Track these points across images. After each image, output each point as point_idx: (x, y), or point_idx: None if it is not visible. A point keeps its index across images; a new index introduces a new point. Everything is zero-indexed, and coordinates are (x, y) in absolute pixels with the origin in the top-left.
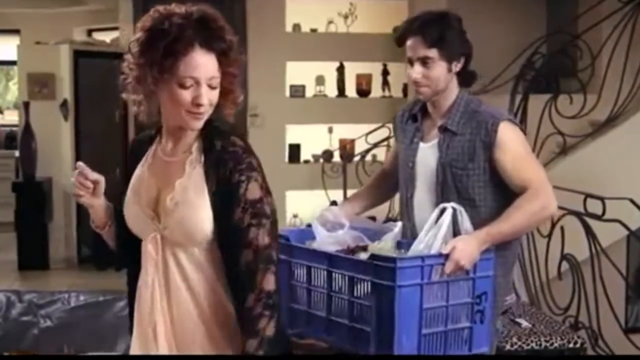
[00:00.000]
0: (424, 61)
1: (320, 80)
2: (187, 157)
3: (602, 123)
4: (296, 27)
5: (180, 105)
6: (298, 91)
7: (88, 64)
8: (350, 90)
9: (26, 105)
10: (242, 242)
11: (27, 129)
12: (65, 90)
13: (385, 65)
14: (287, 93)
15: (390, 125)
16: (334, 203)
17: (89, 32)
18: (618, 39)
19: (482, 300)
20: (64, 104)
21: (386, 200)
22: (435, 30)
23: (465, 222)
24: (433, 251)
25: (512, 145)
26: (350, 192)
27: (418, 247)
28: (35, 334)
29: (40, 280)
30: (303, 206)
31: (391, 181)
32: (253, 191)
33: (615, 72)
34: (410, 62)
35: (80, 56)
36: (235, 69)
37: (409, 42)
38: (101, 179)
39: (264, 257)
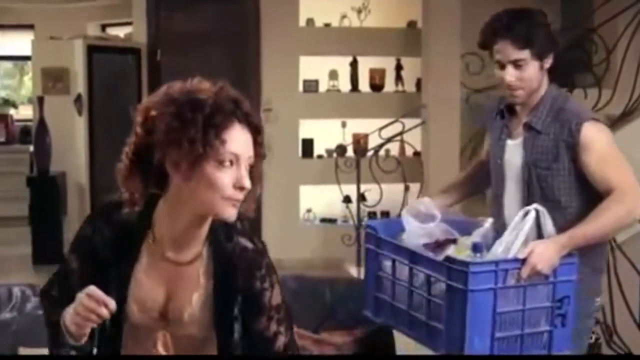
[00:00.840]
0: (516, 63)
1: (333, 75)
2: (200, 264)
3: (617, 117)
4: (309, 21)
5: (216, 189)
6: (311, 86)
7: (102, 59)
8: (364, 85)
9: (40, 100)
10: (267, 348)
11: (42, 123)
12: (79, 85)
13: (398, 60)
14: (301, 88)
15: (404, 120)
16: (347, 198)
17: (103, 27)
18: (633, 34)
19: (564, 304)
20: (78, 98)
21: (479, 191)
22: (524, 30)
23: (547, 225)
24: (511, 254)
25: (597, 146)
26: (364, 187)
27: (497, 249)
28: None
29: None
30: (316, 201)
31: (486, 172)
32: (277, 296)
33: (630, 66)
34: (501, 66)
35: (94, 51)
36: (262, 151)
37: (497, 46)
38: (113, 303)
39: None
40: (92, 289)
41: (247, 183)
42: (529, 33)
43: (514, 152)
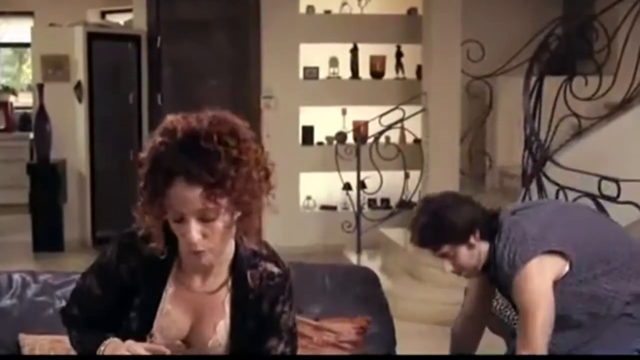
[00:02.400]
0: (447, 257)
1: (333, 62)
2: (225, 293)
3: (618, 105)
4: (310, 8)
5: (181, 240)
6: (312, 73)
7: (102, 46)
8: (364, 72)
9: (40, 87)
10: None
11: (42, 111)
12: (79, 72)
13: (399, 47)
14: (301, 75)
15: (404, 107)
16: (347, 186)
17: (103, 14)
18: (634, 21)
19: None
20: (78, 86)
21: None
22: (430, 237)
23: None
24: None
25: (519, 300)
26: (364, 174)
27: None
28: (51, 314)
29: (55, 261)
30: (316, 188)
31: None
32: (292, 319)
33: (631, 53)
34: (442, 258)
35: (94, 38)
36: (243, 196)
37: (424, 251)
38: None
39: None
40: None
41: (194, 236)
42: (437, 234)
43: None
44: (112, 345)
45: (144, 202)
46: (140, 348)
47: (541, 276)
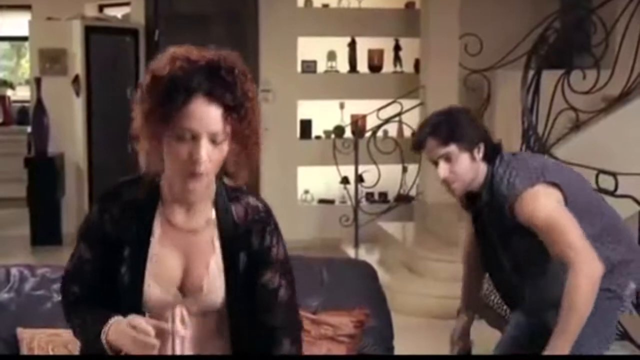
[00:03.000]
0: (446, 157)
1: (331, 56)
2: (212, 230)
3: (615, 98)
4: (308, 2)
5: (177, 163)
6: (310, 67)
7: (99, 40)
8: (362, 66)
9: (38, 81)
10: (271, 300)
11: (39, 104)
12: (76, 66)
13: (397, 41)
14: (299, 69)
15: (402, 101)
16: (345, 179)
17: (101, 8)
18: (632, 15)
19: None
20: (76, 79)
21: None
22: (446, 129)
23: None
24: None
25: (533, 222)
26: (362, 168)
27: None
28: (49, 307)
29: (53, 255)
30: (314, 182)
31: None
32: (282, 252)
33: (629, 47)
34: (435, 163)
35: (91, 32)
36: (246, 129)
37: (427, 146)
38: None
39: (296, 323)
40: (143, 324)
41: (203, 155)
42: (451, 129)
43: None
44: (115, 325)
45: (150, 123)
46: (142, 321)
47: (547, 199)
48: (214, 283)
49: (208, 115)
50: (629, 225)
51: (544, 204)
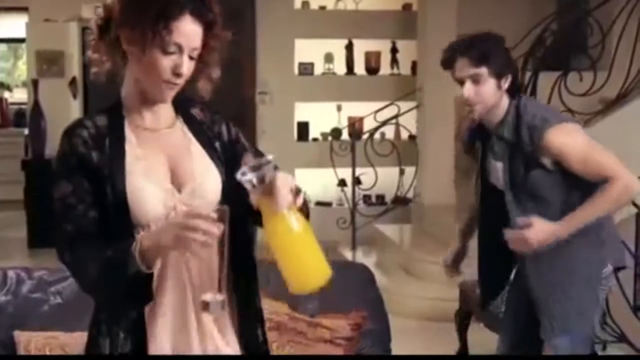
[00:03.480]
0: (474, 79)
1: (329, 58)
2: (181, 126)
3: (612, 100)
4: (305, 4)
5: (158, 74)
6: (307, 69)
7: None
8: (359, 68)
9: (35, 83)
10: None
11: (36, 106)
12: (74, 68)
13: (394, 43)
14: (296, 71)
15: (399, 103)
16: (342, 182)
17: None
18: (629, 16)
19: None
20: (73, 81)
21: None
22: (481, 49)
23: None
24: None
25: (569, 151)
26: (359, 171)
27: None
28: (46, 310)
29: (50, 257)
30: (312, 184)
31: None
32: (250, 144)
33: (625, 48)
34: (461, 82)
35: (89, 33)
36: (216, 43)
37: (457, 64)
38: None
39: None
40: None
41: (185, 70)
42: (486, 51)
43: (498, 168)
44: (147, 235)
45: (137, 31)
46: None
47: (581, 133)
48: (201, 167)
49: (193, 32)
50: (627, 226)
51: (580, 136)
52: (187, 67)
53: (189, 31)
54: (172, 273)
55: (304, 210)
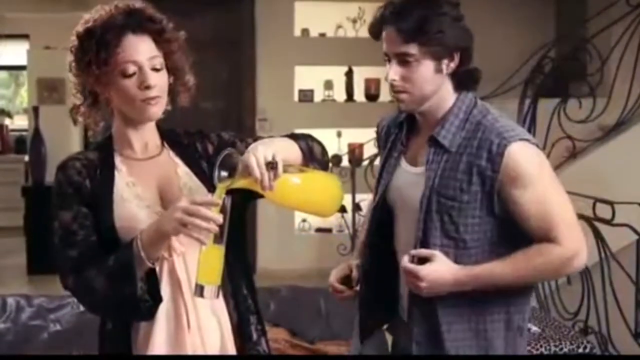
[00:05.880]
0: (403, 59)
1: (328, 85)
2: (167, 151)
3: (612, 127)
4: (305, 31)
5: (131, 97)
6: (307, 96)
7: None
8: (359, 95)
9: (36, 110)
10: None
11: (37, 133)
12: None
13: None
14: (296, 97)
15: None
16: (342, 208)
17: None
18: (628, 43)
19: None
20: (74, 108)
21: None
22: (415, 19)
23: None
24: None
25: (530, 176)
26: (359, 197)
27: None
28: (45, 338)
29: (50, 284)
30: None
31: None
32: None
33: (624, 75)
34: (388, 60)
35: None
36: (173, 46)
37: (384, 34)
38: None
39: None
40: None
41: (152, 81)
42: (421, 23)
43: (409, 178)
44: (147, 228)
45: (92, 73)
46: (185, 202)
47: (546, 163)
48: (187, 189)
49: (142, 46)
50: (627, 253)
51: (544, 162)
52: (155, 78)
53: (136, 47)
54: (167, 271)
55: (314, 163)
